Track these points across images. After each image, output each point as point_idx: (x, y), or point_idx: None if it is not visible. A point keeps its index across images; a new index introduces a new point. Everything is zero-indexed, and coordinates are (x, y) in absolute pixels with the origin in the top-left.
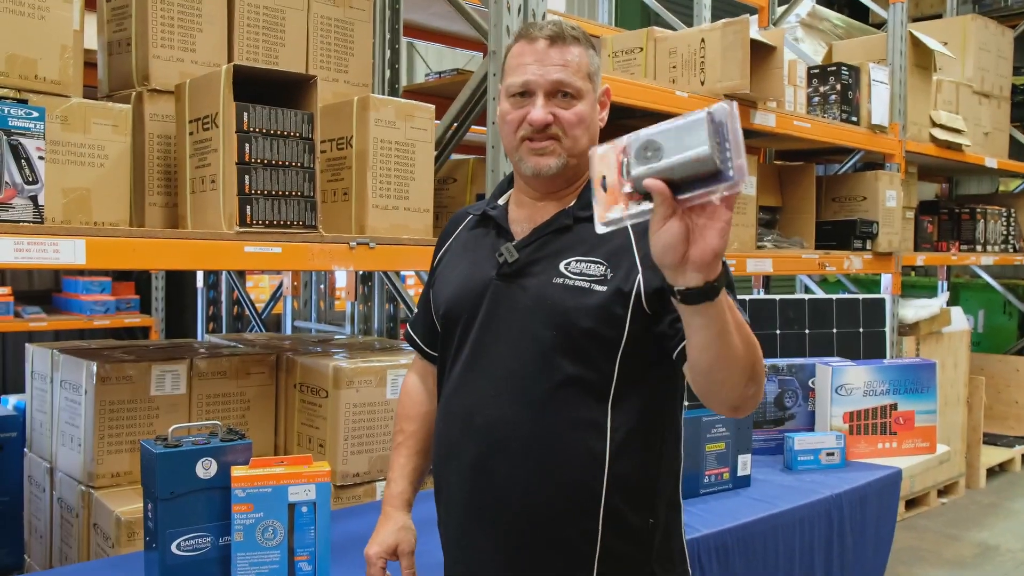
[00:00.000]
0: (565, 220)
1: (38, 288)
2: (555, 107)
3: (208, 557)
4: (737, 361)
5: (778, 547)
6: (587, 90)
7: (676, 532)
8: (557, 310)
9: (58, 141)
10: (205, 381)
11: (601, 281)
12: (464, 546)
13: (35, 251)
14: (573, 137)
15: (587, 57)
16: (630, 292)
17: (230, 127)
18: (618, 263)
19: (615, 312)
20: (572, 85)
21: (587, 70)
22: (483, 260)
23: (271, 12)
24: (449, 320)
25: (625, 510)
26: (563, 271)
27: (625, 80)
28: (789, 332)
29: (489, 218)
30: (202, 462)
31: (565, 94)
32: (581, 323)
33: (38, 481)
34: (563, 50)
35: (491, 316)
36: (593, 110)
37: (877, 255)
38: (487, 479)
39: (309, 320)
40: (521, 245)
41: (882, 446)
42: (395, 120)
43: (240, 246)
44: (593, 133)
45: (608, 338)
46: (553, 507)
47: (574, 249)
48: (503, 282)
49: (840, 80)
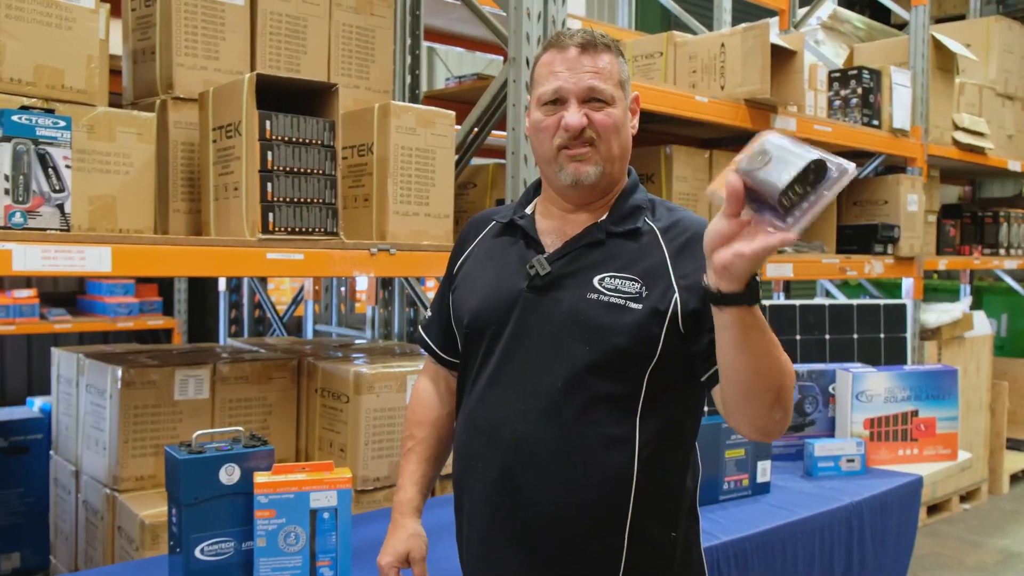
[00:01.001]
0: (598, 234)
1: (63, 290)
2: (588, 111)
3: (231, 562)
4: (763, 380)
5: (797, 554)
6: (619, 97)
7: (695, 543)
8: (591, 326)
9: (84, 150)
10: (228, 386)
11: (636, 299)
12: (487, 560)
13: (62, 259)
14: (607, 141)
15: (618, 64)
16: (666, 311)
17: (253, 135)
18: (654, 282)
19: (650, 331)
20: (605, 92)
21: (619, 77)
22: (511, 271)
23: (293, 20)
24: (474, 331)
25: (650, 525)
26: (597, 287)
27: (645, 85)
28: (809, 338)
29: (516, 227)
30: (225, 468)
31: (598, 100)
32: (615, 340)
33: (64, 483)
34: (595, 57)
35: (520, 329)
36: (626, 116)
37: (899, 259)
38: (513, 494)
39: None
40: (553, 258)
41: (903, 453)
42: (415, 127)
43: (262, 253)
44: (625, 140)
45: (641, 356)
46: (579, 523)
47: (607, 265)
48: (534, 295)
49: (861, 84)
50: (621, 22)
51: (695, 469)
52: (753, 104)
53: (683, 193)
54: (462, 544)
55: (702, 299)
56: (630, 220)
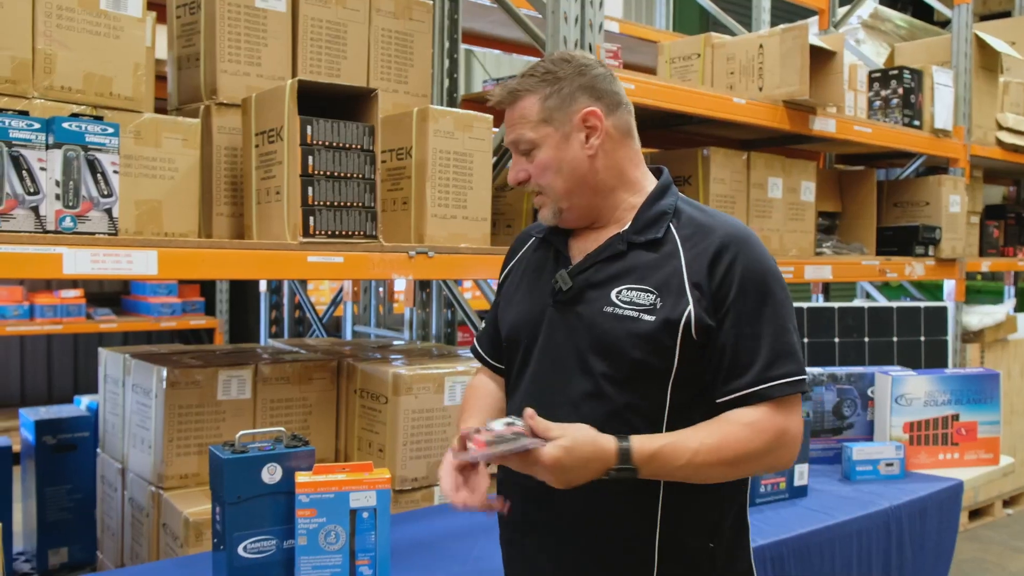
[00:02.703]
0: (619, 246)
1: (108, 291)
2: (525, 164)
3: (273, 560)
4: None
5: (835, 558)
6: (544, 135)
7: (742, 554)
8: (607, 340)
9: (131, 155)
10: (269, 386)
11: (650, 311)
12: (524, 564)
13: (110, 262)
14: (547, 184)
15: (539, 102)
16: (678, 321)
17: (294, 140)
18: (668, 292)
19: (664, 343)
20: (524, 139)
21: (539, 116)
22: (542, 286)
23: (334, 26)
24: (511, 344)
25: (684, 536)
26: (614, 300)
27: (682, 87)
28: (848, 340)
29: (549, 243)
30: (267, 467)
31: (525, 150)
32: (630, 353)
33: (110, 481)
34: (514, 108)
35: (548, 343)
36: (560, 150)
37: (940, 261)
38: (542, 505)
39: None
40: (575, 272)
41: (943, 457)
42: (454, 130)
43: (303, 256)
44: (571, 171)
45: (658, 369)
46: (608, 535)
47: (626, 277)
48: (558, 310)
49: (902, 84)
50: (659, 23)
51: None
52: (791, 105)
53: (720, 195)
54: (504, 547)
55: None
56: (652, 229)
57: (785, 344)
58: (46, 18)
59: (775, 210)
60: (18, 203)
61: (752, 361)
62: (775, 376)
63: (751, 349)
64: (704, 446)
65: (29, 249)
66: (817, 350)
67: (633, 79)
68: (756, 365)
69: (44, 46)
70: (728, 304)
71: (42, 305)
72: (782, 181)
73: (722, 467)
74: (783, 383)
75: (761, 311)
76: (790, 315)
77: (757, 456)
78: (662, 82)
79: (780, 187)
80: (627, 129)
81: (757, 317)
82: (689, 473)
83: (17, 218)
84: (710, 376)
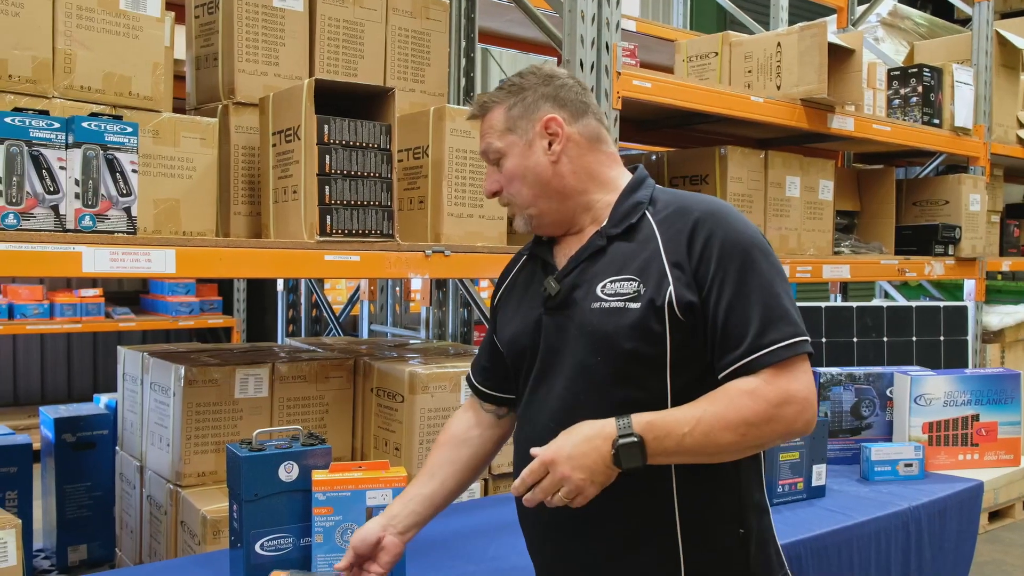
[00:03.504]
0: (599, 241)
1: (127, 290)
2: (496, 175)
3: (290, 557)
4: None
5: (853, 560)
6: (509, 143)
7: (770, 537)
8: (597, 336)
9: (150, 154)
10: (286, 385)
11: (634, 298)
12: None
13: (128, 260)
14: (516, 194)
15: (504, 112)
16: (663, 304)
17: (311, 139)
18: (648, 276)
19: (652, 328)
20: (492, 148)
21: (503, 126)
22: (533, 296)
23: (351, 26)
24: (514, 359)
25: (708, 524)
26: (599, 294)
27: (699, 86)
28: (867, 340)
29: (535, 256)
30: (284, 466)
31: (494, 160)
32: (622, 345)
33: (129, 478)
34: (485, 120)
35: (547, 350)
36: (524, 158)
37: (960, 260)
38: (556, 510)
39: (385, 324)
40: (561, 276)
41: (963, 458)
42: (470, 129)
43: (320, 255)
44: (535, 177)
45: (652, 356)
46: (628, 531)
47: (608, 270)
48: (551, 316)
49: (922, 82)
50: (676, 22)
51: (752, 463)
52: (810, 104)
53: (738, 194)
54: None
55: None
56: (627, 219)
57: (775, 308)
58: (66, 18)
59: (793, 209)
60: (38, 202)
61: (744, 332)
62: (769, 342)
63: (741, 320)
64: (707, 413)
65: (49, 248)
66: (835, 350)
67: (650, 78)
68: (749, 335)
69: (64, 46)
70: (710, 278)
71: (62, 304)
72: (800, 180)
73: (729, 434)
74: (779, 347)
75: (745, 280)
76: (778, 280)
77: (765, 420)
78: (679, 81)
79: (798, 186)
80: (595, 135)
81: (742, 287)
82: (697, 442)
83: (38, 217)
84: (709, 355)
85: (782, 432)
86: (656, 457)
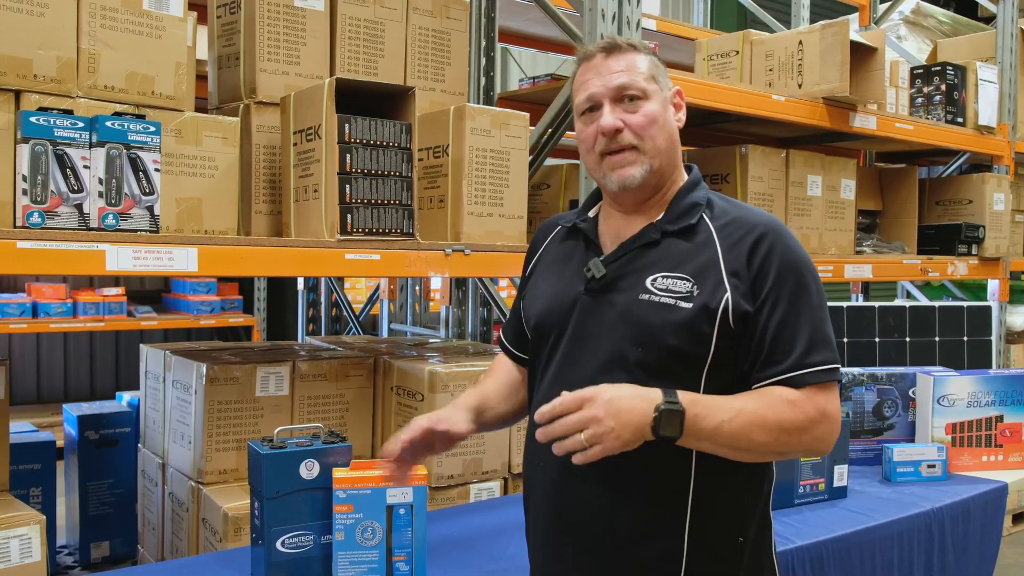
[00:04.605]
0: (653, 234)
1: (149, 288)
2: (623, 113)
3: (311, 555)
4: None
5: (875, 561)
6: (653, 90)
7: (767, 547)
8: (642, 327)
9: (172, 153)
10: (307, 383)
11: (687, 298)
12: (547, 558)
13: (151, 259)
14: (649, 138)
15: (647, 61)
16: (716, 309)
17: (332, 138)
18: (705, 280)
19: (701, 330)
20: (635, 86)
21: (649, 72)
22: (573, 274)
23: (371, 25)
24: (540, 334)
25: (713, 529)
26: (649, 287)
27: (720, 84)
28: (889, 340)
29: (579, 231)
30: (305, 463)
31: (632, 98)
32: (667, 340)
33: (151, 476)
34: (620, 58)
35: (580, 331)
36: (665, 109)
37: (983, 260)
38: (571, 495)
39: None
40: (608, 260)
41: (987, 459)
42: (490, 128)
43: (341, 254)
44: (669, 132)
45: (694, 356)
46: (637, 525)
47: (660, 264)
48: (591, 297)
49: (945, 80)
50: (697, 20)
51: (767, 473)
52: (832, 102)
53: (759, 193)
54: (530, 539)
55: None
56: (685, 218)
57: (821, 332)
58: (90, 18)
59: (814, 208)
60: (62, 201)
61: (791, 348)
62: (812, 363)
63: (790, 336)
64: (748, 408)
65: (73, 246)
66: (857, 350)
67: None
68: (795, 351)
69: (88, 46)
70: (766, 292)
71: (85, 302)
72: (822, 179)
73: (764, 434)
74: (819, 370)
75: (798, 300)
76: (824, 306)
77: (798, 430)
78: (700, 79)
79: (820, 185)
80: None
81: (794, 306)
82: (732, 433)
83: (61, 215)
84: (747, 364)
85: (808, 445)
86: (690, 435)
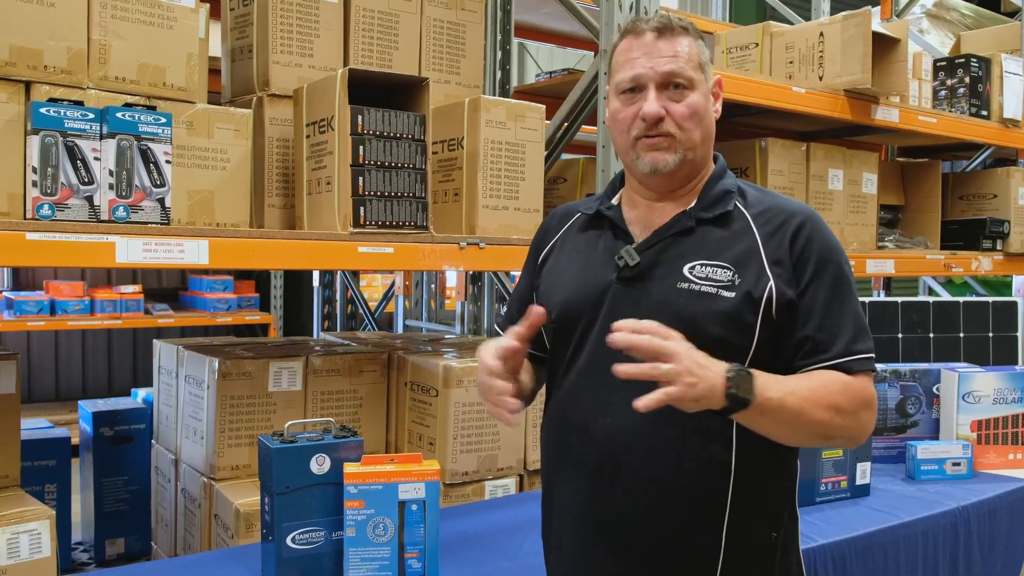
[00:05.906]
0: (687, 222)
1: (166, 286)
2: (667, 100)
3: (322, 551)
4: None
5: (899, 559)
6: (700, 80)
7: (794, 545)
8: (683, 316)
9: (184, 145)
10: (320, 378)
11: (729, 287)
12: (579, 557)
13: (162, 251)
14: (687, 131)
15: (697, 47)
16: (760, 298)
17: (345, 130)
18: (746, 268)
19: (745, 319)
20: (684, 75)
21: (698, 60)
22: (599, 263)
23: (385, 16)
24: (564, 324)
25: (750, 523)
26: (688, 276)
27: (740, 76)
28: (912, 336)
29: (603, 218)
30: (316, 458)
31: (677, 85)
32: (710, 331)
33: (164, 472)
34: (672, 41)
35: (611, 321)
36: (707, 101)
37: (1008, 256)
38: (608, 490)
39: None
40: (642, 248)
41: (1013, 457)
42: (506, 121)
43: (354, 246)
44: (707, 126)
45: (737, 346)
46: (676, 520)
47: (698, 253)
48: (623, 286)
49: (969, 72)
50: (715, 13)
51: (794, 467)
52: (853, 95)
53: (778, 187)
54: (550, 541)
55: (796, 288)
56: (720, 205)
57: (862, 322)
58: (101, 9)
59: (835, 202)
60: (73, 193)
61: (837, 335)
62: (859, 350)
63: (836, 324)
64: (804, 385)
65: (83, 238)
66: (880, 346)
67: None
68: (842, 339)
69: (99, 36)
70: (807, 279)
71: (102, 300)
72: (843, 173)
73: (821, 411)
74: (863, 358)
75: (840, 288)
76: (857, 297)
77: (849, 412)
78: (718, 71)
79: (841, 179)
80: None
81: (837, 294)
82: (796, 406)
83: (72, 208)
84: (791, 351)
85: (852, 432)
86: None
